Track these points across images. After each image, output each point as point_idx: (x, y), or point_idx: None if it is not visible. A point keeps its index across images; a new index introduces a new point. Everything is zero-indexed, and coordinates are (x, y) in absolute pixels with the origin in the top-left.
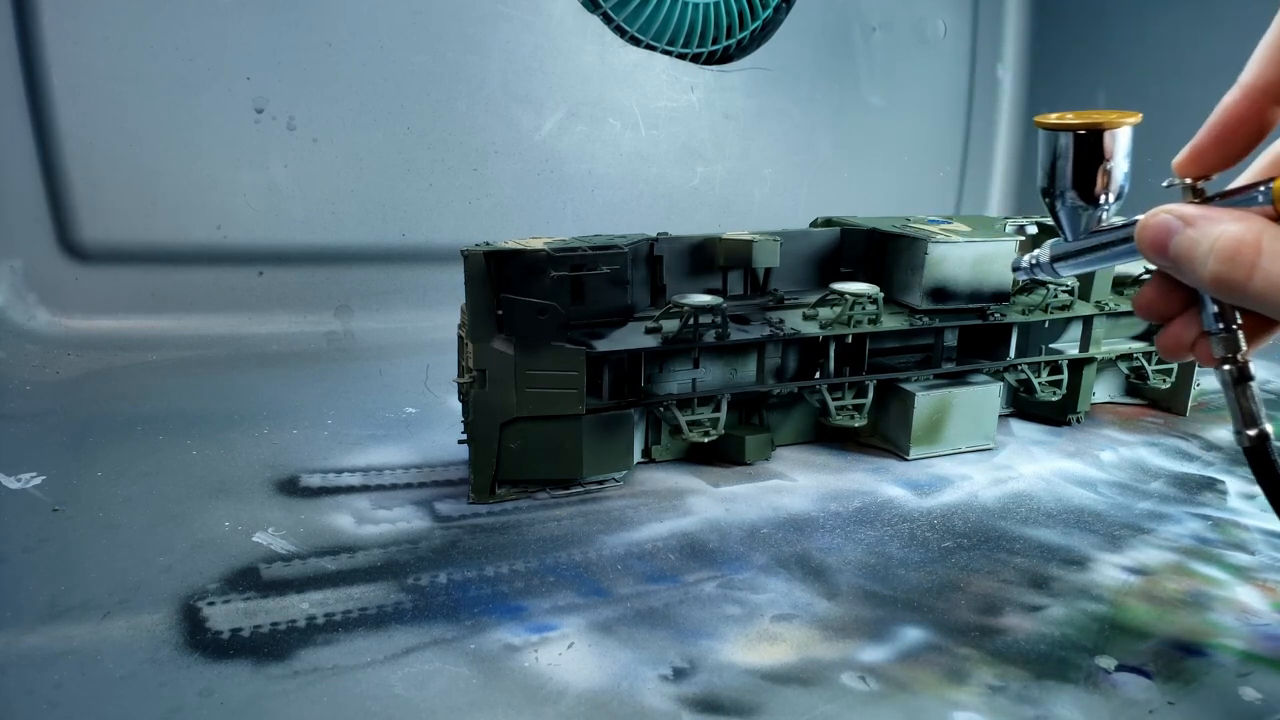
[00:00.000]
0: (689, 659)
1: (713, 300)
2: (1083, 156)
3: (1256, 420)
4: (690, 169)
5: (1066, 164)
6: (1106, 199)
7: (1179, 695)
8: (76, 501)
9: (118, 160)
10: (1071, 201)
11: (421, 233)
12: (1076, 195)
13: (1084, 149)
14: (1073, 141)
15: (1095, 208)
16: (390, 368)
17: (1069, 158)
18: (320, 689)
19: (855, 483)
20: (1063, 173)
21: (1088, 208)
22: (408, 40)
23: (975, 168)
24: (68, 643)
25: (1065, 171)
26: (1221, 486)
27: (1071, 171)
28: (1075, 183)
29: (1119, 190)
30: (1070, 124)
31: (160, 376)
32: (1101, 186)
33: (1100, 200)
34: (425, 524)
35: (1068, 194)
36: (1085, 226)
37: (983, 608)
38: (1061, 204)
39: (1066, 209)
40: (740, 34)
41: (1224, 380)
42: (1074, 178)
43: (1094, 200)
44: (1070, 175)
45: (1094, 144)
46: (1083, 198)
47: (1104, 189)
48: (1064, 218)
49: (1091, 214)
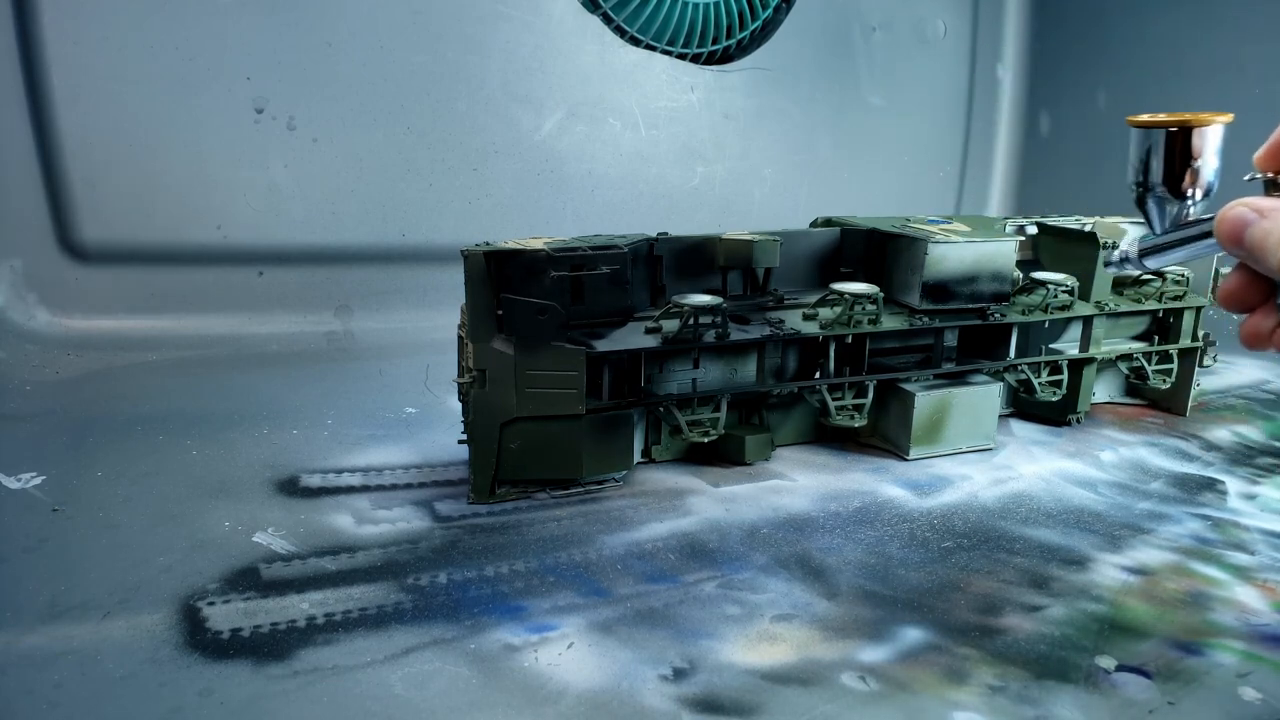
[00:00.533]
0: (689, 659)
1: (713, 300)
2: (1172, 153)
3: None
4: (690, 169)
5: (1156, 160)
6: (1194, 194)
7: (1179, 695)
8: (76, 501)
9: (118, 160)
10: (1160, 196)
11: (421, 233)
12: (1165, 190)
13: (1174, 146)
14: (1163, 139)
15: (1183, 203)
16: (390, 368)
17: (1159, 154)
18: (320, 689)
19: (855, 483)
20: (1153, 169)
21: (1175, 202)
22: (408, 40)
23: (975, 168)
24: (68, 643)
25: (1155, 168)
26: (1221, 486)
27: (1161, 168)
28: (1164, 178)
29: (1207, 187)
30: (1162, 121)
31: (160, 376)
32: (1189, 182)
33: (1188, 195)
34: (425, 524)
35: (1157, 189)
36: (1173, 221)
37: (983, 608)
38: (1151, 198)
39: (1155, 203)
40: (740, 34)
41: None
42: (1164, 174)
43: (1182, 195)
44: (1160, 171)
45: (1184, 141)
46: (1171, 193)
47: (1192, 185)
48: (1153, 212)
49: (1179, 209)
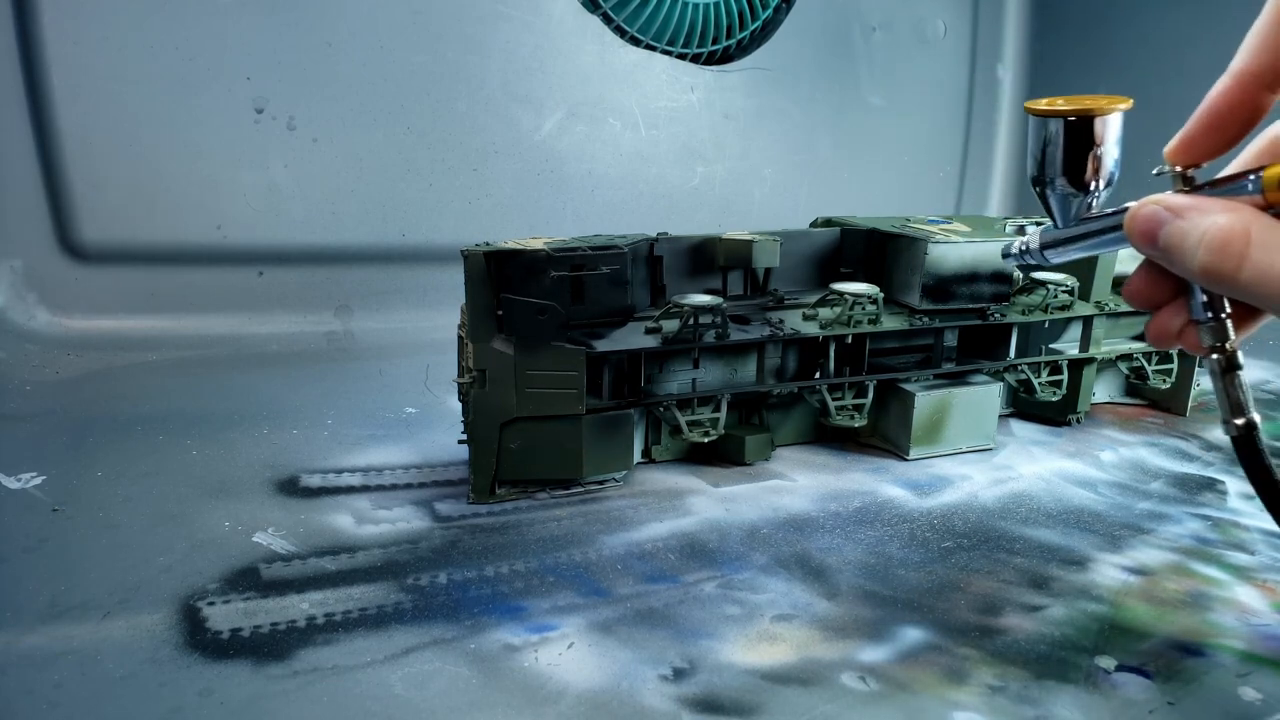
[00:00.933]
0: (689, 659)
1: (713, 300)
2: (1073, 143)
3: (1244, 409)
4: (690, 169)
5: (1057, 150)
6: (1097, 186)
7: (1179, 695)
8: (76, 501)
9: (118, 160)
10: (1061, 188)
11: (421, 233)
12: (1066, 182)
13: (1074, 135)
14: (1063, 127)
15: (1085, 194)
16: (390, 368)
17: (1059, 144)
18: (320, 689)
19: (855, 483)
20: (1053, 159)
21: (1078, 194)
22: (408, 40)
23: (975, 168)
24: (68, 643)
25: (1055, 158)
26: (1221, 487)
27: (1062, 158)
28: (1065, 169)
29: (1109, 177)
30: (1061, 110)
31: (160, 376)
32: (1092, 173)
33: (1090, 187)
34: (425, 524)
35: (1057, 180)
36: (1075, 213)
37: (983, 608)
38: (1051, 190)
39: (1056, 196)
40: (740, 34)
41: (1212, 369)
42: (1064, 164)
43: (1084, 187)
44: (1060, 161)
45: (1084, 130)
46: (1073, 184)
47: (1094, 176)
48: (1054, 204)
49: (1081, 201)
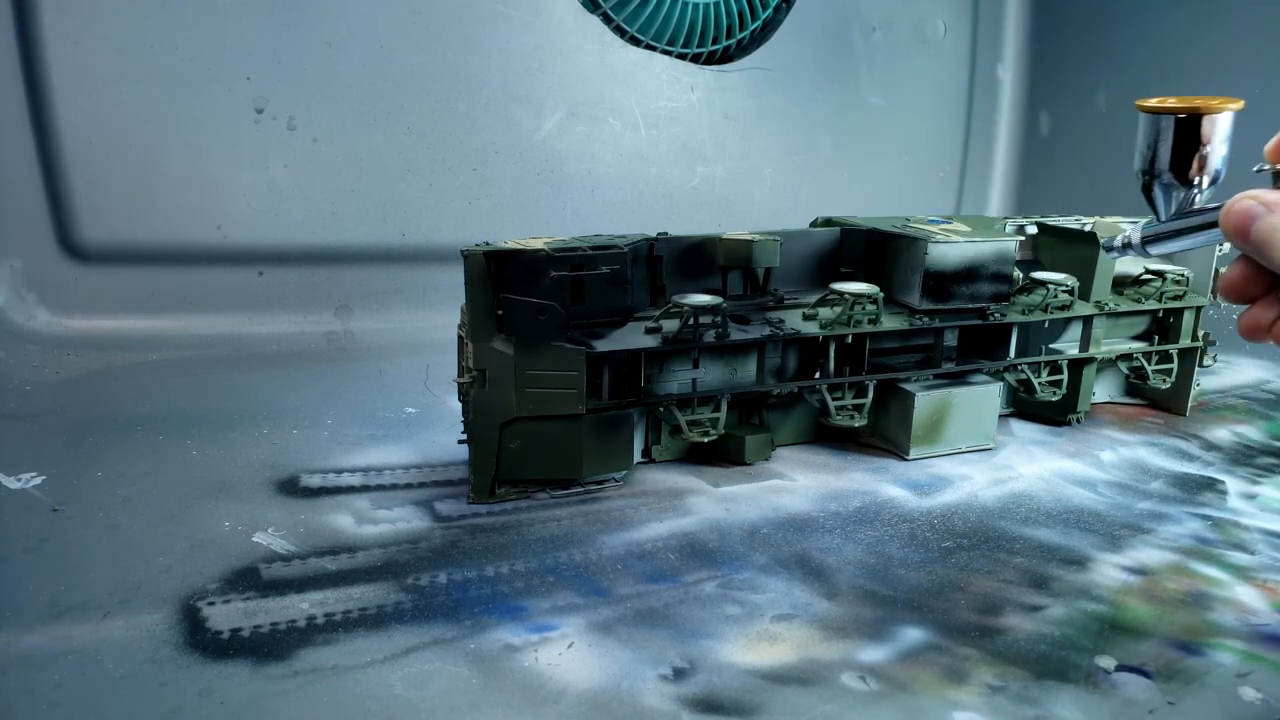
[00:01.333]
0: (689, 659)
1: (713, 300)
2: (1181, 140)
3: None
4: (690, 169)
5: (1165, 146)
6: (1201, 182)
7: (1179, 695)
8: (76, 501)
9: (118, 160)
10: (1167, 182)
11: (421, 233)
12: (1172, 177)
13: (1183, 132)
14: (1173, 125)
15: (1189, 190)
16: (390, 368)
17: (1168, 140)
18: (320, 689)
19: (855, 483)
20: (1160, 155)
21: (1181, 189)
22: (408, 40)
23: (975, 168)
24: (68, 643)
25: (1163, 154)
26: (1221, 486)
27: (1169, 154)
28: (1172, 165)
29: (1214, 174)
30: (1171, 107)
31: (160, 376)
32: (1197, 170)
33: (1195, 183)
34: (425, 524)
35: (1164, 175)
36: (1178, 208)
37: (983, 608)
38: (1158, 185)
39: (1162, 190)
40: (740, 34)
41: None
42: (1171, 160)
43: (1189, 182)
44: (1167, 157)
45: (1193, 128)
46: (1179, 179)
47: (1199, 172)
48: (1158, 198)
49: (1185, 196)
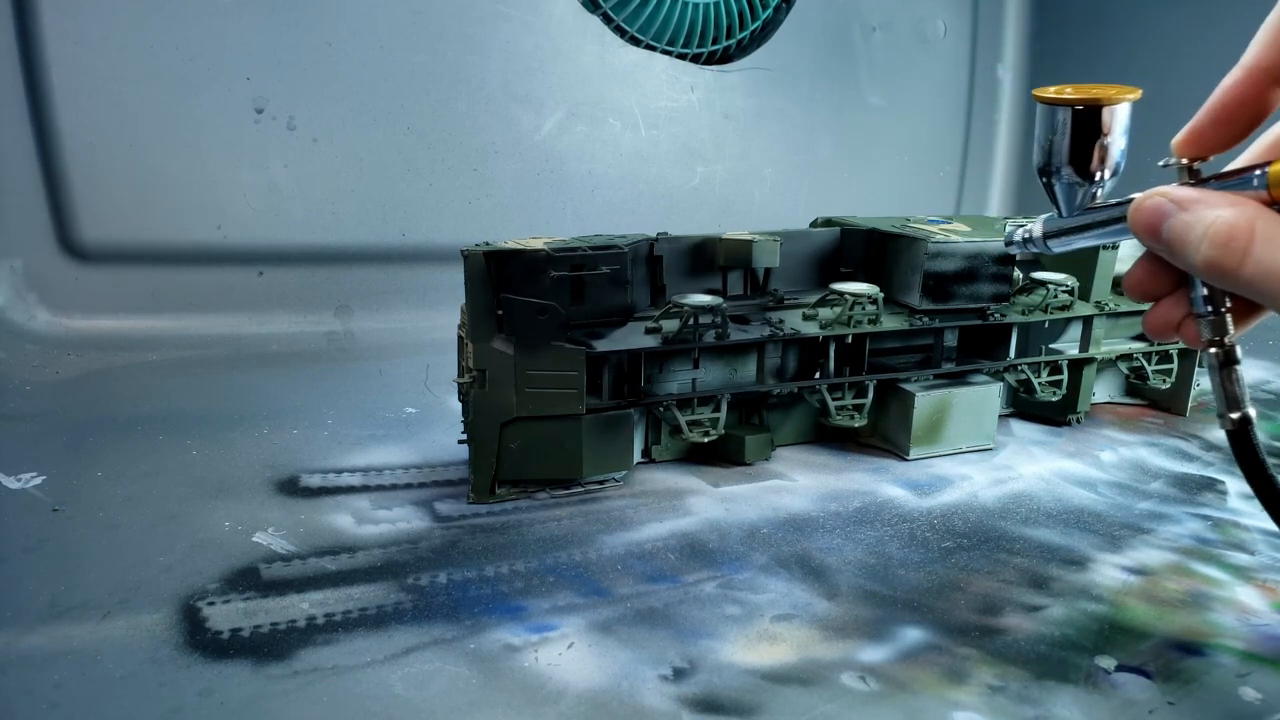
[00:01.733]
0: (689, 659)
1: (713, 300)
2: (1080, 132)
3: (1240, 404)
4: (690, 169)
5: (1063, 139)
6: (1102, 176)
7: (1179, 695)
8: (76, 501)
9: (118, 160)
10: (1067, 177)
11: (421, 233)
12: (1072, 171)
13: (1082, 124)
14: (1070, 116)
15: (1091, 184)
16: (390, 368)
17: (1066, 133)
18: (320, 689)
19: (855, 483)
20: (1059, 147)
21: (1083, 184)
22: (408, 40)
23: (975, 168)
24: (68, 643)
25: (1062, 146)
26: (1221, 487)
27: (1068, 147)
28: (1071, 158)
29: (1115, 167)
30: (1069, 98)
31: (160, 376)
32: (1098, 163)
33: (1096, 177)
34: (425, 524)
35: (1063, 169)
36: (1080, 203)
37: (983, 608)
38: (1057, 179)
39: (1062, 185)
40: (740, 34)
41: (1210, 363)
42: (1070, 153)
43: (1090, 177)
44: (1066, 150)
45: (1092, 119)
46: (1078, 173)
47: (1100, 166)
48: (1059, 193)
49: (1086, 190)
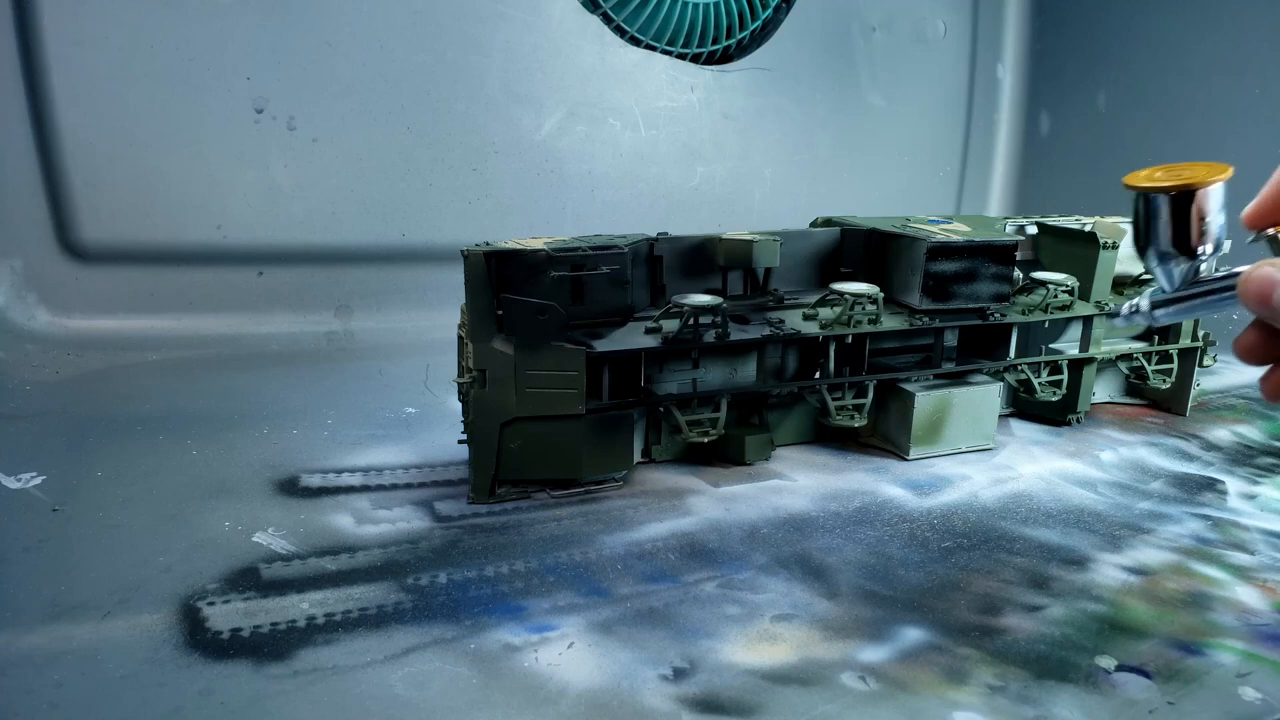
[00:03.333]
0: (689, 659)
1: (713, 300)
2: (1178, 215)
3: None
4: (690, 169)
5: (1161, 223)
6: (1203, 251)
7: (1179, 695)
8: (76, 501)
9: (118, 160)
10: (1168, 254)
11: (421, 233)
12: (1173, 248)
13: (1179, 208)
14: (1167, 203)
15: (1192, 259)
16: (390, 368)
17: (1163, 217)
18: (320, 689)
19: (855, 483)
20: (1158, 231)
21: (1183, 259)
22: (408, 40)
23: (975, 168)
24: (68, 643)
25: (1161, 230)
26: (1221, 486)
27: (1169, 230)
28: (1172, 239)
29: (1216, 242)
30: (1162, 186)
31: (160, 376)
32: (1198, 240)
33: (1198, 252)
34: (425, 524)
35: (1166, 249)
36: (1183, 278)
37: (983, 608)
38: (1158, 257)
39: (1163, 262)
40: (740, 34)
41: None
42: (1171, 234)
43: (1190, 253)
44: (1168, 234)
45: (1188, 203)
46: (1179, 250)
47: (1200, 242)
48: (1160, 270)
49: (1189, 265)
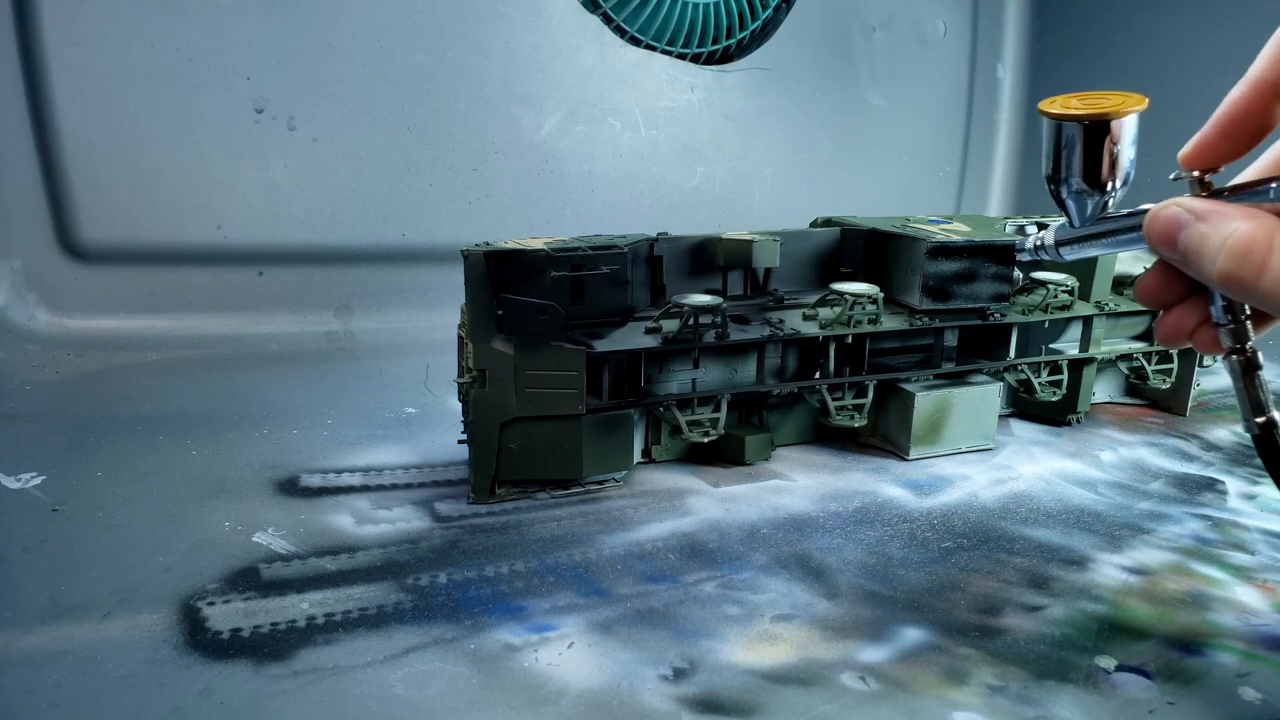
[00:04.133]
0: (689, 659)
1: (713, 300)
2: (1089, 145)
3: (1264, 408)
4: (690, 169)
5: (1072, 152)
6: (1113, 186)
7: (1179, 695)
8: (76, 501)
9: (118, 160)
10: (1077, 188)
11: (421, 233)
12: (1083, 182)
13: (1090, 138)
14: (1080, 131)
15: (1102, 194)
16: (390, 368)
17: (1075, 146)
18: (320, 689)
19: (855, 483)
20: (1068, 161)
21: (1094, 194)
22: (408, 40)
23: (975, 168)
24: (68, 643)
25: (1071, 160)
26: (1221, 486)
27: (1079, 160)
28: (1082, 171)
29: (1125, 177)
30: (1076, 114)
31: (160, 376)
32: (1108, 173)
33: (1107, 187)
34: (425, 524)
35: (1074, 181)
36: (1091, 213)
37: (983, 608)
38: (1068, 190)
39: (1073, 196)
40: (740, 34)
41: (1232, 370)
42: (1081, 166)
43: (1101, 187)
44: (1077, 164)
45: (1100, 132)
46: (1089, 185)
47: (1110, 176)
48: (1070, 204)
49: (1098, 200)
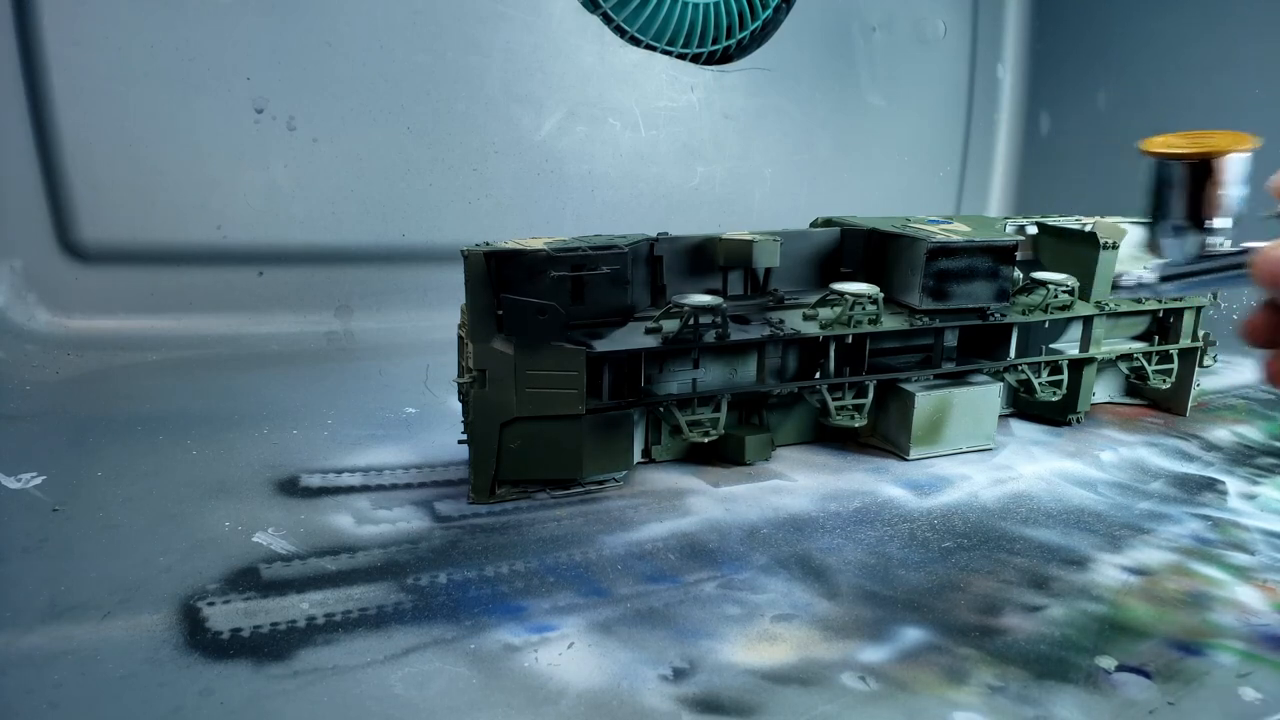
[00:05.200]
0: (689, 659)
1: (713, 300)
2: (1194, 185)
3: None
4: (690, 169)
5: (1176, 191)
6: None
7: (1179, 695)
8: (76, 501)
9: (118, 160)
10: (1181, 227)
11: (421, 233)
12: (1186, 222)
13: (1195, 178)
14: (1183, 172)
15: (1202, 232)
16: (390, 368)
17: (1180, 185)
18: (320, 689)
19: (855, 483)
20: (1172, 199)
21: (1197, 232)
22: (408, 40)
23: (975, 168)
24: (68, 643)
25: (1174, 198)
26: (1221, 486)
27: (1184, 200)
28: (1187, 210)
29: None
30: (1180, 152)
31: (160, 376)
32: (1212, 212)
33: (1213, 225)
34: (425, 524)
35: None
36: (1194, 250)
37: (983, 608)
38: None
39: (1175, 233)
40: (740, 34)
41: None
42: (1186, 206)
43: (1204, 226)
44: (1182, 204)
45: (1206, 172)
46: (1193, 224)
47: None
48: (1172, 241)
49: (1200, 238)
